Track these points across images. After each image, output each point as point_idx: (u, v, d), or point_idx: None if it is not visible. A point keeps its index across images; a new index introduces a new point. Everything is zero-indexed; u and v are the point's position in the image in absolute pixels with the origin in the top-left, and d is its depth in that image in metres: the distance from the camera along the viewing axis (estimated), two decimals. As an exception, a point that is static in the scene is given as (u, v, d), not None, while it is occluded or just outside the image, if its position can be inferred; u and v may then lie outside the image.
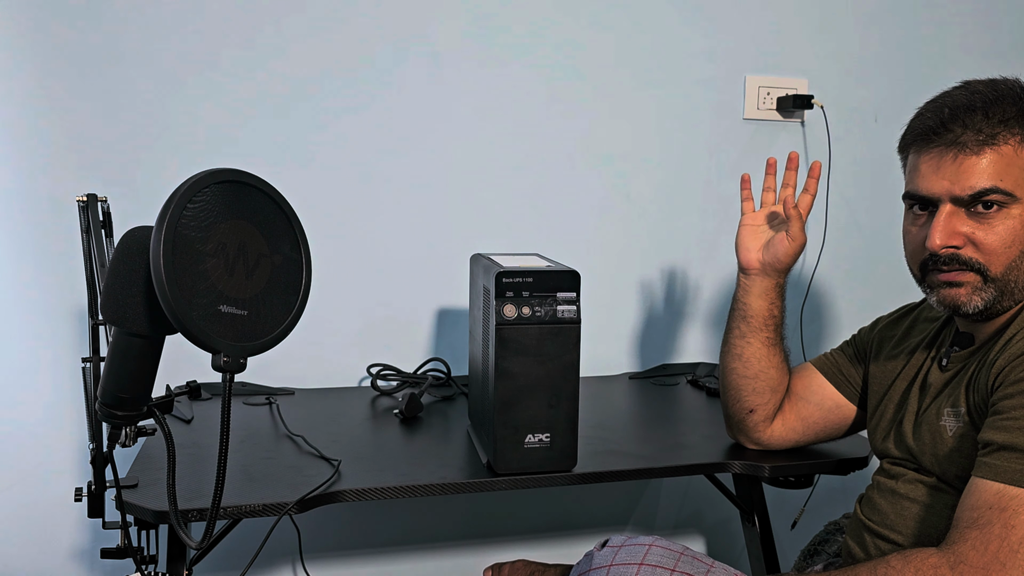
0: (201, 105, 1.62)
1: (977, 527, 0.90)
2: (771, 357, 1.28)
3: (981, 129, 1.00)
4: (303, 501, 1.12)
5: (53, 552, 1.67)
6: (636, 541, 1.01)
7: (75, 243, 1.40)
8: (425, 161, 1.74)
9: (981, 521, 0.90)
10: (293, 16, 1.64)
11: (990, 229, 1.02)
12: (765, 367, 1.27)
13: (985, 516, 0.90)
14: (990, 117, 1.00)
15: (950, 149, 1.02)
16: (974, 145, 1.01)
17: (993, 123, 1.00)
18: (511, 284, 1.17)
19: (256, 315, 0.77)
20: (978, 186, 1.00)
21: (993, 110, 1.01)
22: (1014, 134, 1.01)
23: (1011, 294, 1.03)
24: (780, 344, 1.30)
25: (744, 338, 1.28)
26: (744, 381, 1.28)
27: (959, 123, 1.01)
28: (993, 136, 1.00)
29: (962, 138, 1.01)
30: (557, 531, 1.91)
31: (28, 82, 1.55)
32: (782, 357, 1.30)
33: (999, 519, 0.89)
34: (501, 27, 1.75)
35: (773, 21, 1.89)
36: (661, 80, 1.85)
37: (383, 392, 1.69)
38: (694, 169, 1.89)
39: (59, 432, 1.62)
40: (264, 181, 0.80)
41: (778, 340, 1.29)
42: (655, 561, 0.96)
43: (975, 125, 1.01)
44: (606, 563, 1.00)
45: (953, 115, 1.02)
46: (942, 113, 1.03)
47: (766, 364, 1.27)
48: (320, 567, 1.78)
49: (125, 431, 0.90)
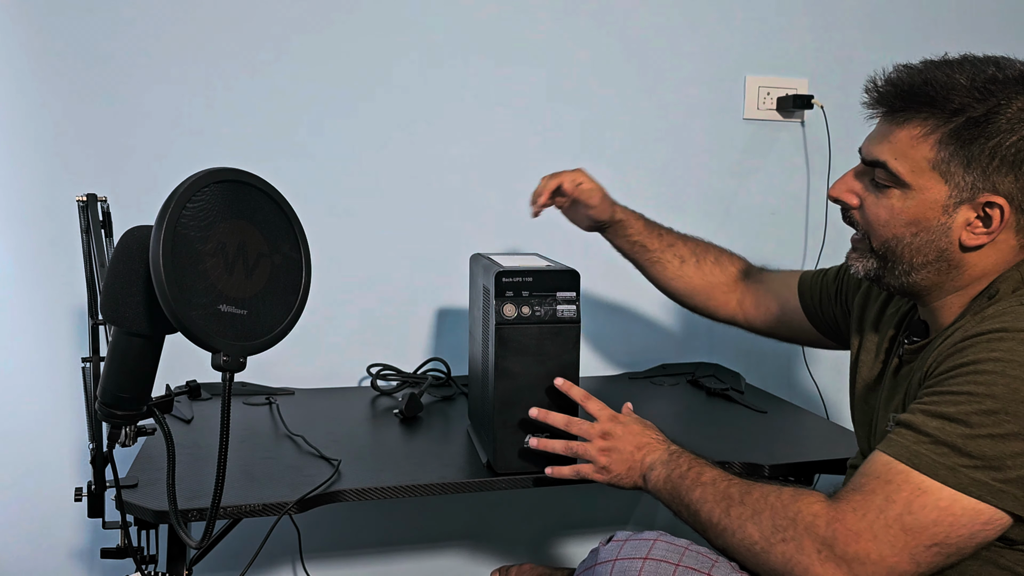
0: (201, 105, 1.62)
1: (862, 493, 0.91)
2: (660, 276, 1.45)
3: (901, 108, 1.00)
4: (303, 501, 1.12)
5: (53, 552, 1.67)
6: (641, 536, 1.01)
7: (75, 243, 1.40)
8: (425, 161, 1.74)
9: (867, 488, 0.91)
10: (293, 16, 1.65)
11: (875, 202, 1.03)
12: (664, 284, 1.46)
13: (871, 485, 0.91)
14: (911, 96, 0.99)
15: (881, 113, 1.03)
16: (890, 118, 1.01)
17: (913, 103, 0.99)
18: (511, 284, 1.17)
19: (256, 314, 0.77)
20: (872, 155, 1.02)
21: (921, 91, 0.98)
22: (922, 124, 0.98)
23: (894, 274, 1.04)
24: (669, 250, 1.44)
25: (653, 267, 1.45)
26: (669, 294, 1.47)
27: (895, 93, 1.00)
28: (909, 118, 0.99)
29: (889, 107, 1.01)
30: (557, 531, 1.91)
31: (28, 82, 1.55)
32: (668, 270, 1.44)
33: (883, 491, 0.90)
34: (502, 26, 1.75)
35: (773, 21, 1.89)
36: (661, 80, 1.85)
37: (383, 392, 1.69)
38: (694, 169, 1.89)
39: (59, 432, 1.62)
40: (264, 180, 0.80)
41: (651, 260, 1.44)
42: (660, 555, 0.97)
43: (899, 101, 1.00)
44: (611, 557, 1.00)
45: (892, 84, 1.01)
46: (899, 79, 1.01)
47: (659, 280, 1.46)
48: (320, 567, 1.78)
49: (125, 431, 0.90)
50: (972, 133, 0.95)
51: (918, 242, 1.01)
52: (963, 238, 0.99)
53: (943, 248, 1.00)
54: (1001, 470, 0.86)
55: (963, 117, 0.95)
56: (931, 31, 1.98)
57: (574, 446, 1.16)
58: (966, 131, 0.95)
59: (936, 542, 0.87)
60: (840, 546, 0.89)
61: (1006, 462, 0.86)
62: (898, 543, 0.87)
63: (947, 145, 0.96)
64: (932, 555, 0.88)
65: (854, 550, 0.88)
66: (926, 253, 1.01)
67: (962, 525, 0.87)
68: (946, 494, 0.87)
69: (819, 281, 1.36)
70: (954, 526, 0.87)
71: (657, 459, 1.11)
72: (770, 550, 0.94)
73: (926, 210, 0.99)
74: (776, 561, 0.93)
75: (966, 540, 0.87)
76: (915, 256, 1.01)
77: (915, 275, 1.03)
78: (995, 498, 0.86)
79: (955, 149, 0.96)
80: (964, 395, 0.89)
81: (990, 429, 0.87)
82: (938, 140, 0.97)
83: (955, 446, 0.88)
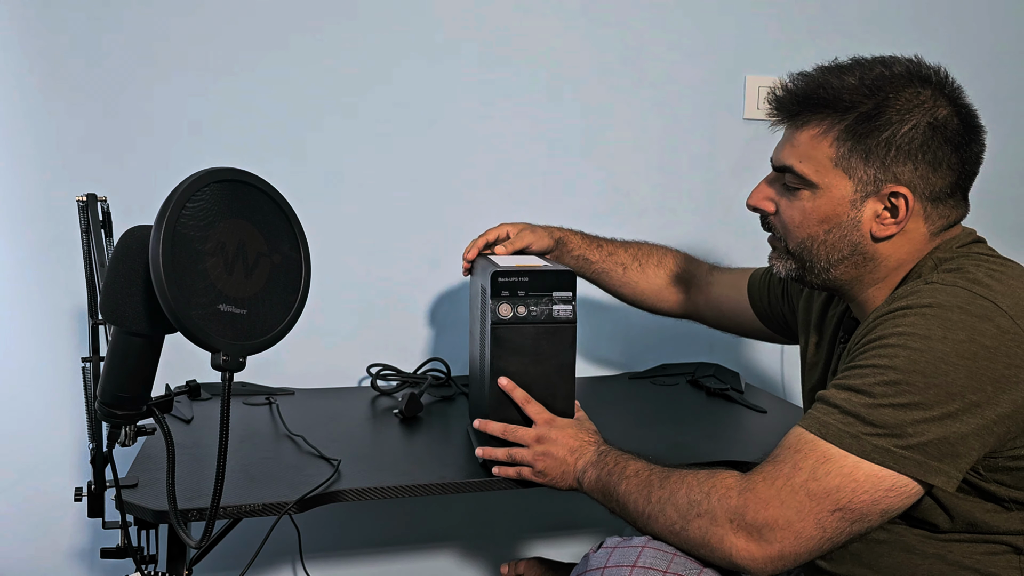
0: (201, 105, 1.62)
1: (773, 462, 0.94)
2: (608, 285, 1.52)
3: (799, 113, 1.04)
4: (303, 501, 1.12)
5: (53, 552, 1.67)
6: (630, 543, 1.02)
7: (75, 243, 1.40)
8: (425, 161, 1.74)
9: (778, 459, 0.94)
10: (293, 16, 1.64)
11: (788, 205, 1.07)
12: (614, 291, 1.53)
13: (783, 455, 0.94)
14: (806, 100, 1.03)
15: (783, 120, 1.07)
16: (791, 123, 1.05)
17: (809, 106, 1.03)
18: (507, 284, 1.17)
19: (255, 314, 0.77)
20: (780, 160, 1.07)
21: (815, 94, 1.02)
22: (819, 125, 1.02)
23: (814, 272, 1.07)
24: (610, 259, 1.50)
25: (599, 278, 1.51)
26: (633, 299, 1.54)
27: (791, 99, 1.04)
28: (807, 121, 1.03)
29: (788, 113, 1.05)
30: (557, 531, 1.91)
31: (28, 82, 1.55)
32: (623, 265, 1.51)
33: (791, 459, 0.93)
34: (502, 26, 1.75)
35: (773, 21, 1.89)
36: (661, 80, 1.85)
37: (383, 392, 1.68)
38: (694, 169, 1.89)
39: (59, 432, 1.62)
40: (263, 180, 0.80)
41: (596, 271, 1.50)
42: (647, 563, 0.98)
43: (796, 106, 1.04)
44: (601, 565, 1.01)
45: (789, 92, 1.05)
46: (795, 87, 1.05)
47: (609, 288, 1.53)
48: (320, 567, 1.78)
49: (125, 431, 0.90)
50: (865, 127, 1.00)
51: (832, 239, 1.04)
52: (874, 230, 1.03)
53: (856, 242, 1.04)
54: (902, 437, 0.89)
55: (855, 113, 1.00)
56: (931, 31, 1.98)
57: (513, 453, 1.18)
58: (859, 126, 1.00)
59: (839, 507, 0.90)
60: (751, 514, 0.92)
61: (907, 430, 0.89)
62: (804, 508, 0.91)
63: (844, 141, 1.01)
64: (837, 520, 0.91)
65: (763, 517, 0.92)
66: (841, 248, 1.04)
67: (864, 491, 0.90)
68: (849, 461, 0.90)
69: (766, 282, 1.40)
70: (856, 491, 0.90)
71: (588, 461, 1.13)
72: (687, 527, 0.97)
73: (835, 206, 1.03)
74: (694, 536, 0.96)
75: (869, 506, 0.90)
76: (831, 252, 1.05)
77: (833, 271, 1.06)
78: (897, 464, 0.89)
79: (852, 144, 1.00)
80: (869, 368, 0.93)
81: (891, 399, 0.90)
82: (835, 137, 1.01)
83: (859, 415, 0.91)
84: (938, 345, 0.90)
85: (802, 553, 0.92)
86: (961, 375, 0.89)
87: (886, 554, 1.01)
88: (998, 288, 0.94)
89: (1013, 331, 0.91)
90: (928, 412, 0.89)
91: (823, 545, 0.92)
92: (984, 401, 0.90)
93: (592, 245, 1.50)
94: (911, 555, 1.00)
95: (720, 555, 0.95)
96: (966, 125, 1.01)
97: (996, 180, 1.59)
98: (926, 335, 0.91)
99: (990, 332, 0.91)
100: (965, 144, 1.01)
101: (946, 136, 0.99)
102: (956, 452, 0.90)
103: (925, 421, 0.89)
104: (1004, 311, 0.92)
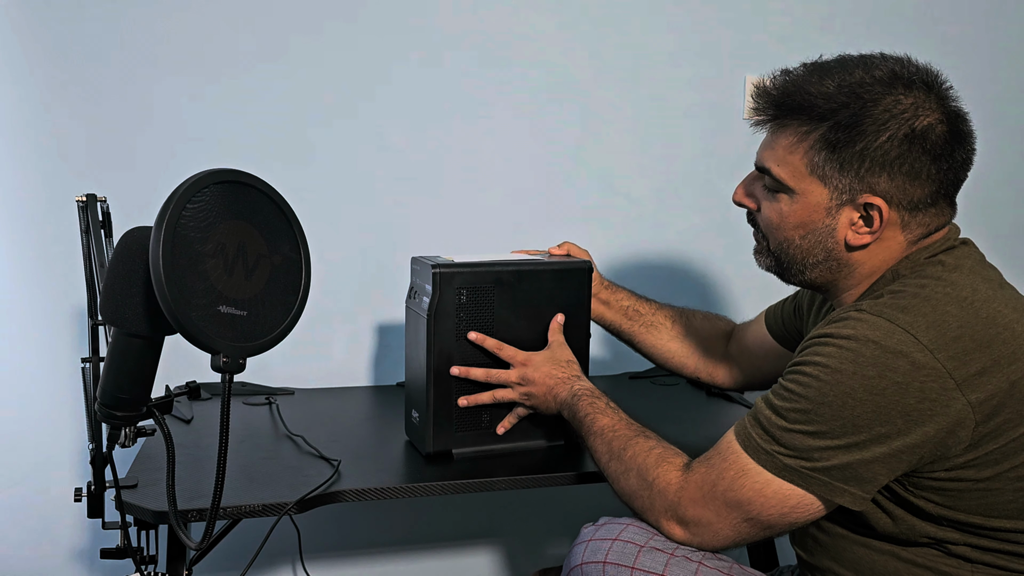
0: (201, 105, 1.62)
1: (706, 465, 1.02)
2: (658, 340, 1.49)
3: (777, 116, 1.03)
4: (303, 501, 1.12)
5: (53, 552, 1.67)
6: (617, 520, 1.08)
7: (75, 243, 1.40)
8: (424, 162, 1.74)
9: (710, 462, 1.02)
10: (293, 17, 1.64)
11: (768, 206, 1.08)
12: (663, 348, 1.49)
13: (714, 459, 1.01)
14: (783, 105, 1.02)
15: (764, 121, 1.06)
16: (772, 125, 1.05)
17: (786, 111, 1.02)
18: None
19: (255, 315, 0.77)
20: (760, 161, 1.07)
21: (791, 100, 1.01)
22: (796, 131, 1.01)
23: (791, 272, 1.09)
24: (652, 327, 1.48)
25: (635, 339, 1.49)
26: (667, 362, 1.50)
27: (770, 102, 1.03)
28: (785, 125, 1.03)
29: (767, 116, 1.05)
30: (557, 531, 1.91)
31: (28, 82, 1.55)
32: (663, 332, 1.48)
33: (719, 466, 1.00)
34: (502, 26, 1.75)
35: (773, 21, 1.89)
36: (661, 80, 1.85)
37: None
38: (694, 169, 1.89)
39: (59, 432, 1.62)
40: (263, 181, 0.80)
41: (646, 323, 1.48)
42: (628, 538, 1.04)
43: (774, 109, 1.03)
44: (588, 538, 1.07)
45: (768, 93, 1.04)
46: (773, 88, 1.04)
47: (658, 345, 1.49)
48: (320, 567, 1.78)
49: (124, 431, 0.90)
50: (840, 137, 0.98)
51: (807, 243, 1.05)
52: (848, 238, 1.03)
53: (830, 248, 1.04)
54: (810, 460, 0.95)
55: (831, 122, 0.99)
56: (931, 31, 1.98)
57: (499, 396, 1.29)
58: (834, 135, 0.99)
59: (750, 517, 0.98)
60: (682, 510, 1.02)
61: (814, 455, 0.94)
62: (722, 513, 0.99)
63: (820, 150, 1.00)
64: (748, 527, 0.99)
65: (691, 514, 1.01)
66: (815, 253, 1.05)
67: (772, 506, 0.97)
68: (763, 477, 0.97)
69: (780, 308, 1.40)
70: (765, 506, 0.97)
71: (564, 400, 1.24)
72: (633, 503, 1.08)
73: (811, 213, 1.03)
74: (639, 508, 1.08)
75: (776, 519, 0.97)
76: (806, 256, 1.06)
77: (809, 273, 1.08)
78: (804, 483, 0.95)
79: (827, 154, 1.00)
80: (788, 392, 0.97)
81: (801, 426, 0.95)
82: (810, 146, 1.00)
83: (774, 436, 0.96)
84: (847, 380, 0.93)
85: (719, 547, 1.02)
86: (867, 409, 0.92)
87: (848, 548, 1.05)
88: (926, 317, 0.93)
89: (930, 366, 0.91)
90: (834, 441, 0.93)
91: (739, 542, 1.01)
92: (893, 433, 0.92)
93: (642, 299, 1.49)
94: (869, 550, 1.04)
95: (658, 530, 1.05)
96: (952, 131, 0.98)
97: (995, 181, 1.59)
98: (838, 368, 0.93)
99: (902, 368, 0.91)
100: (948, 153, 0.98)
101: (925, 147, 0.97)
102: (861, 476, 0.94)
103: (831, 448, 0.94)
104: (924, 345, 0.92)
